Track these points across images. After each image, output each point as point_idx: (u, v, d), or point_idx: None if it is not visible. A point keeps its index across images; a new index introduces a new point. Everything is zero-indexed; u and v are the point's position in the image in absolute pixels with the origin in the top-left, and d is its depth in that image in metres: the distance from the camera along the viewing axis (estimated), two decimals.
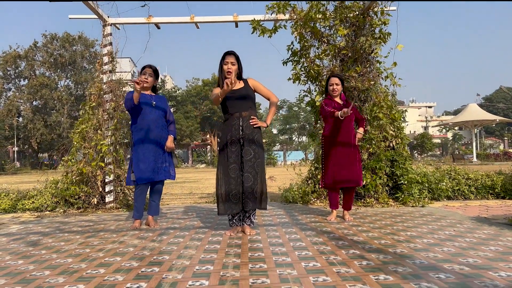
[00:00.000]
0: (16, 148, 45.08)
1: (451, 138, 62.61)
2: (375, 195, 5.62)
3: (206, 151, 51.20)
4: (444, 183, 6.10)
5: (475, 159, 31.55)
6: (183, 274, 2.38)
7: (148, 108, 4.12)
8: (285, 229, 3.85)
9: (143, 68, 4.18)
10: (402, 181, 5.60)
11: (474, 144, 33.24)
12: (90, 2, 5.60)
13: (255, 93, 3.81)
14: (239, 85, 3.72)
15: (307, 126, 49.96)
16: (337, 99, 4.46)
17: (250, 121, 3.63)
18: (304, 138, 52.32)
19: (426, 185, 5.92)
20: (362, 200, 5.61)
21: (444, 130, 62.05)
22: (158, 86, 3.99)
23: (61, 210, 5.59)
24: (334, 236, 3.46)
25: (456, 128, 52.01)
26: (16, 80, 45.19)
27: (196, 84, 49.35)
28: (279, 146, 52.23)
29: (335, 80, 4.41)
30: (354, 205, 5.52)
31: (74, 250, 3.15)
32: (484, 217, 4.38)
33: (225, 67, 3.66)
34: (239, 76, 3.75)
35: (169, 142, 4.22)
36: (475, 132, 37.99)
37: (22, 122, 43.63)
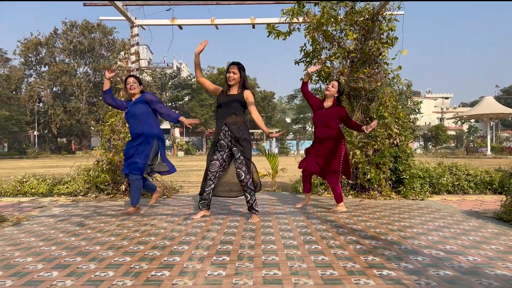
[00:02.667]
0: (36, 133, 46.45)
1: (466, 130, 62.04)
2: (378, 189, 6.09)
3: None
4: (445, 178, 6.53)
5: (489, 152, 31.53)
6: (208, 251, 2.92)
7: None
8: (293, 217, 4.37)
9: (127, 77, 4.87)
10: (404, 176, 6.05)
11: (488, 137, 33.12)
12: (119, 6, 6.12)
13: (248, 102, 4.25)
14: (234, 91, 4.25)
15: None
16: (325, 102, 4.92)
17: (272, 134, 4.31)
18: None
19: (428, 179, 6.36)
20: (367, 193, 6.08)
21: (459, 122, 61.53)
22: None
23: (93, 195, 6.21)
24: (336, 224, 3.97)
25: (472, 120, 51.60)
26: (37, 67, 46.36)
27: (212, 73, 49.79)
28: (292, 135, 52.58)
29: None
30: (359, 197, 6.02)
31: (114, 230, 3.73)
32: (475, 211, 4.82)
33: (227, 75, 4.24)
34: (243, 85, 4.26)
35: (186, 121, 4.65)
36: (491, 125, 37.77)
37: (43, 108, 44.88)
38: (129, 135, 6.22)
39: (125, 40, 43.91)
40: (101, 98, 46.96)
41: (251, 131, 45.90)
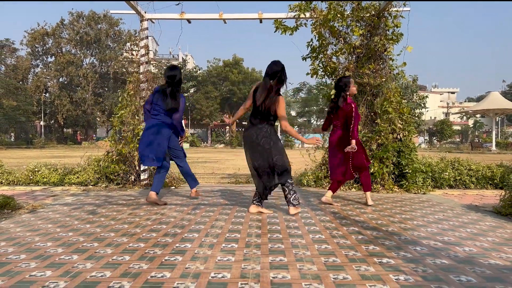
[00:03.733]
0: (43, 123, 46.86)
1: (472, 125, 61.82)
2: (381, 182, 6.23)
3: (225, 131, 52.04)
4: (447, 173, 6.65)
5: (494, 147, 31.49)
6: (217, 239, 3.09)
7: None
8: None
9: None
10: (407, 170, 6.18)
11: (493, 132, 33.06)
12: (131, 1, 6.25)
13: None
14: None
15: (326, 109, 50.23)
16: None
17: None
18: (322, 121, 52.61)
19: (430, 174, 6.49)
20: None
21: (465, 117, 61.32)
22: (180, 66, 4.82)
23: (103, 185, 6.40)
24: (339, 215, 4.12)
25: (478, 115, 51.44)
26: (44, 57, 46.63)
27: (217, 65, 49.84)
28: (297, 128, 52.64)
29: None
30: (361, 190, 6.16)
31: (126, 219, 3.90)
32: (475, 205, 4.95)
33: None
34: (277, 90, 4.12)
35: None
36: (496, 120, 37.65)
37: (49, 98, 45.24)
38: (139, 127, 6.42)
39: (131, 32, 44.13)
40: (107, 89, 47.21)
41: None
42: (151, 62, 7.59)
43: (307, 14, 6.52)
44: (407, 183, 6.16)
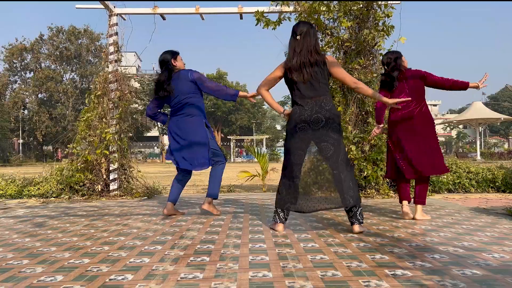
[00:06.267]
0: (21, 141, 45.34)
1: (455, 136, 62.40)
2: (376, 187, 5.67)
3: None
4: (445, 176, 6.14)
5: (479, 157, 31.44)
6: (184, 251, 2.45)
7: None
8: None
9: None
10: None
11: (478, 142, 33.11)
12: None
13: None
14: None
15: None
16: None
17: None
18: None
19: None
20: (363, 191, 5.65)
21: (448, 129, 61.85)
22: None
23: (66, 197, 5.69)
24: (333, 222, 3.53)
25: (461, 126, 51.85)
26: (22, 73, 45.42)
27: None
28: (282, 142, 52.26)
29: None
30: None
31: (79, 231, 3.23)
32: (482, 208, 4.43)
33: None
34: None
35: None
36: (480, 130, 37.85)
37: (28, 115, 43.91)
38: (106, 130, 5.76)
39: (101, 34, 42.97)
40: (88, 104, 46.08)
41: (241, 137, 45.73)
42: (133, 77, 6.97)
43: (291, 8, 6.04)
44: None
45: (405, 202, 3.74)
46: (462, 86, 3.61)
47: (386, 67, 3.85)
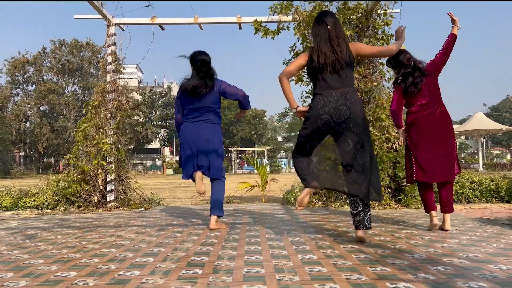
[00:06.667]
0: (22, 153, 45.35)
1: (457, 147, 62.18)
2: None
3: None
4: None
5: (481, 168, 31.24)
6: (177, 263, 2.35)
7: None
8: (284, 226, 3.80)
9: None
10: (405, 183, 5.53)
11: (480, 153, 32.90)
12: (95, 1, 5.65)
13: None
14: None
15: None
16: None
17: None
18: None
19: None
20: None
21: None
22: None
23: (62, 208, 5.59)
24: (333, 233, 3.42)
25: (462, 137, 51.66)
26: (24, 86, 45.67)
27: None
28: (284, 153, 52.21)
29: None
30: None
31: (70, 243, 3.13)
32: (487, 218, 4.31)
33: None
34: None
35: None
36: (482, 141, 37.68)
37: (29, 127, 43.98)
38: (103, 140, 5.69)
39: (102, 47, 43.43)
40: None
41: (241, 148, 45.45)
42: (135, 89, 6.91)
43: (290, 17, 6.01)
44: (405, 198, 5.50)
45: (433, 213, 3.48)
46: (453, 40, 3.49)
47: (404, 68, 3.52)
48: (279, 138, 53.21)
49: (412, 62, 3.51)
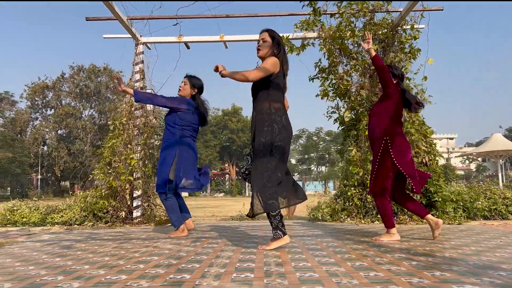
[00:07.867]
0: (39, 176, 45.96)
1: (474, 169, 61.08)
2: (408, 213, 5.44)
3: (224, 180, 51.16)
4: (480, 202, 5.87)
5: None
6: (225, 269, 2.30)
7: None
8: (320, 238, 3.72)
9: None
10: (436, 198, 5.41)
11: (500, 175, 32.18)
12: (124, 19, 5.80)
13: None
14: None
15: (327, 156, 49.64)
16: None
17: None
18: (323, 168, 51.82)
19: (461, 203, 5.71)
20: (395, 218, 5.42)
21: (467, 162, 60.68)
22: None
23: (90, 224, 5.58)
24: (373, 244, 3.33)
25: (480, 159, 50.81)
26: (43, 110, 46.68)
27: (216, 114, 49.90)
28: (298, 176, 51.86)
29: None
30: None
31: (109, 252, 3.10)
32: None
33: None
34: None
35: None
36: (501, 163, 36.90)
37: (47, 150, 44.70)
38: (131, 156, 5.72)
39: (120, 72, 44.26)
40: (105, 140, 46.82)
41: None
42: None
43: (315, 34, 6.07)
44: (437, 213, 5.36)
45: (428, 216, 3.63)
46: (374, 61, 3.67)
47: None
48: (293, 161, 52.97)
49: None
